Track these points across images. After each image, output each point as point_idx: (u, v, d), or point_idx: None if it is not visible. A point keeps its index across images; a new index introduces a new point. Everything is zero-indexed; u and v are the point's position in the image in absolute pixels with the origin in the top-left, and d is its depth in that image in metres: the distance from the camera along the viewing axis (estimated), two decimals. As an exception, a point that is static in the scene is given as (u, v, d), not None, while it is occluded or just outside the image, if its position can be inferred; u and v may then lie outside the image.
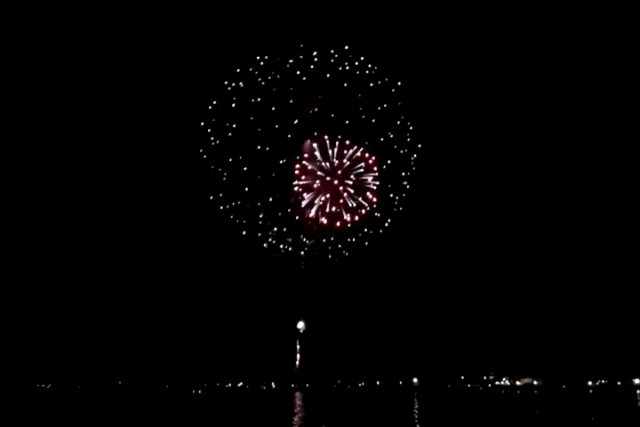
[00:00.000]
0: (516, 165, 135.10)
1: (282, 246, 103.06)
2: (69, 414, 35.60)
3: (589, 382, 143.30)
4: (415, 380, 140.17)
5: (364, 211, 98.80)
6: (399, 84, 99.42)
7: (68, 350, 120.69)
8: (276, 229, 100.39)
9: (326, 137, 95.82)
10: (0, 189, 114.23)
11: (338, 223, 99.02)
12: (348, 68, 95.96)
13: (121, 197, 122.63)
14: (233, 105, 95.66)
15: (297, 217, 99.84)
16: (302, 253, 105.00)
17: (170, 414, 37.46)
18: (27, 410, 41.87)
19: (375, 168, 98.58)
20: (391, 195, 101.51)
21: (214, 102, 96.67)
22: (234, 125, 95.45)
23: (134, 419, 30.71)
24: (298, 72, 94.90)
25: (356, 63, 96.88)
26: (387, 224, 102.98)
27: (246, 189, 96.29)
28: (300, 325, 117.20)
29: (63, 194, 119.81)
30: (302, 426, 26.18)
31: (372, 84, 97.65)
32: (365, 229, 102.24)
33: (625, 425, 28.07)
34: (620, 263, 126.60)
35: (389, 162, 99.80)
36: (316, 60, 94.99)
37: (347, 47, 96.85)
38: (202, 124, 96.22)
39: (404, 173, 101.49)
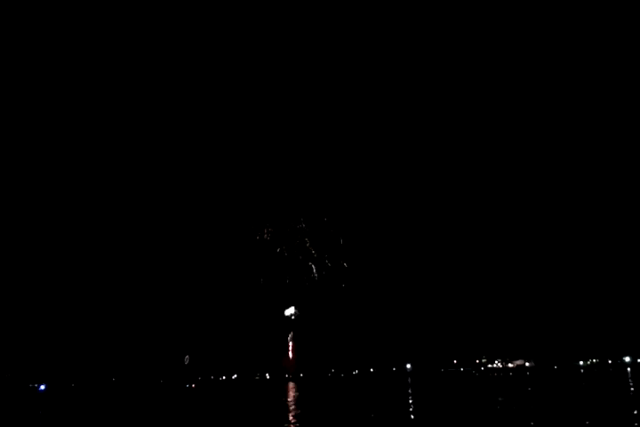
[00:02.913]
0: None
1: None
2: (66, 414, 34.97)
3: (581, 362, 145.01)
4: (409, 366, 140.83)
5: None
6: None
7: (59, 349, 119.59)
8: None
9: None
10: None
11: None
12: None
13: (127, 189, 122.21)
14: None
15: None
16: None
17: (164, 411, 37.03)
18: (22, 411, 41.19)
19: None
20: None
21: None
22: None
23: (130, 416, 30.12)
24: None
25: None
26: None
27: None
28: (291, 311, 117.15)
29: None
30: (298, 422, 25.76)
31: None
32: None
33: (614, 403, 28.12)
34: (609, 243, 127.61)
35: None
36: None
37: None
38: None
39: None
